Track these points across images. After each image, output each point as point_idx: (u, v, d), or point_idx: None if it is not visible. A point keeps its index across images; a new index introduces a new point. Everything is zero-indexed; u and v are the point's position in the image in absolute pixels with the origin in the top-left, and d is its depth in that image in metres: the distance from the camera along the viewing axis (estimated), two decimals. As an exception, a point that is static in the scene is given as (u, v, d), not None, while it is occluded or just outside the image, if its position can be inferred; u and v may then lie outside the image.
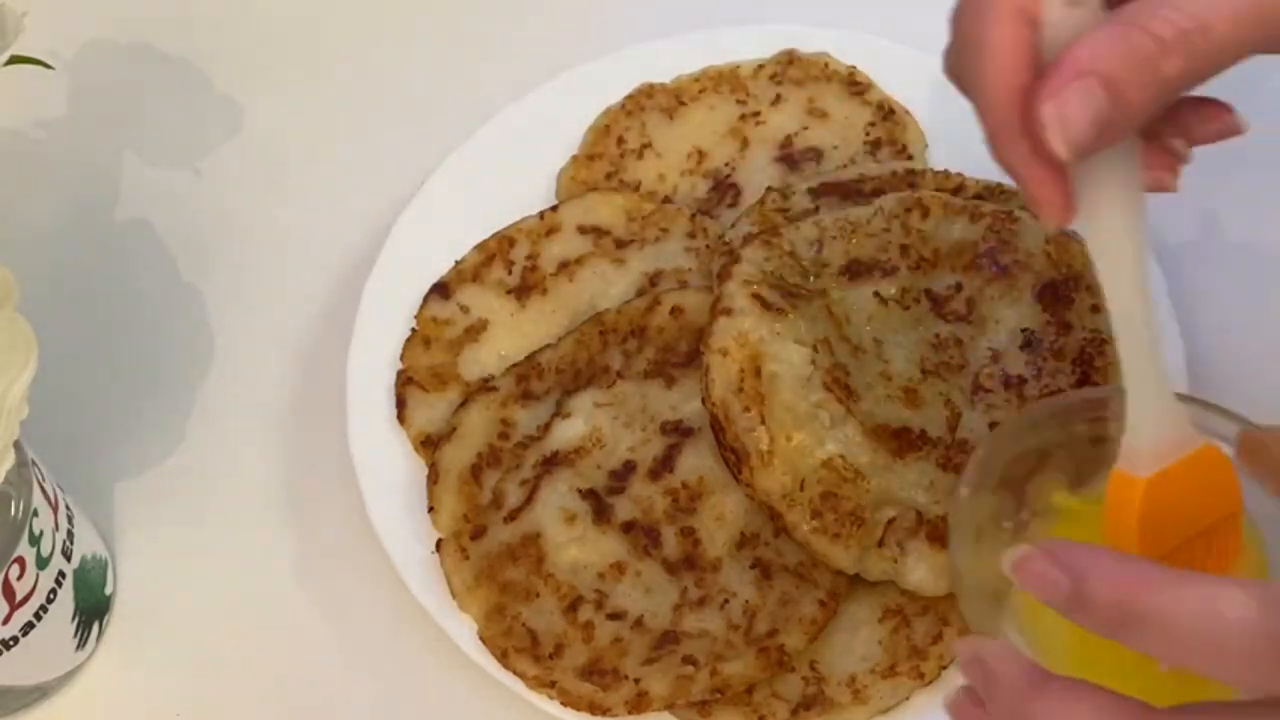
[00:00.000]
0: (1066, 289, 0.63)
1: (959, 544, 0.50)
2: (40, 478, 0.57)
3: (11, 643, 0.56)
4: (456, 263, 0.68)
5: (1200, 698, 0.41)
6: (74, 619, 0.59)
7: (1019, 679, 0.42)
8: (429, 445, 0.63)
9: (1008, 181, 0.66)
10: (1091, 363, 0.62)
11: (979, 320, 0.63)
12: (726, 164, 0.70)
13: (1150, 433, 0.48)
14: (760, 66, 0.72)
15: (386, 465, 0.63)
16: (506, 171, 0.70)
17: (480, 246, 0.68)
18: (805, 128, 0.71)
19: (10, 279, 0.54)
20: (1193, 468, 0.49)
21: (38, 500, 0.56)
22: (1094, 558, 0.41)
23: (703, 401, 0.60)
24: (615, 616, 0.59)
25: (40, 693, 0.61)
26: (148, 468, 0.67)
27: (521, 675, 0.58)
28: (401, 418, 0.64)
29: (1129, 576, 0.40)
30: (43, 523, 0.56)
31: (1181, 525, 0.49)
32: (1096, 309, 0.63)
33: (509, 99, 0.72)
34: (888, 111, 0.70)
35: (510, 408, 0.63)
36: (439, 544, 0.61)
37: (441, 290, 0.67)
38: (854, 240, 0.64)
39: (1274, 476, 0.49)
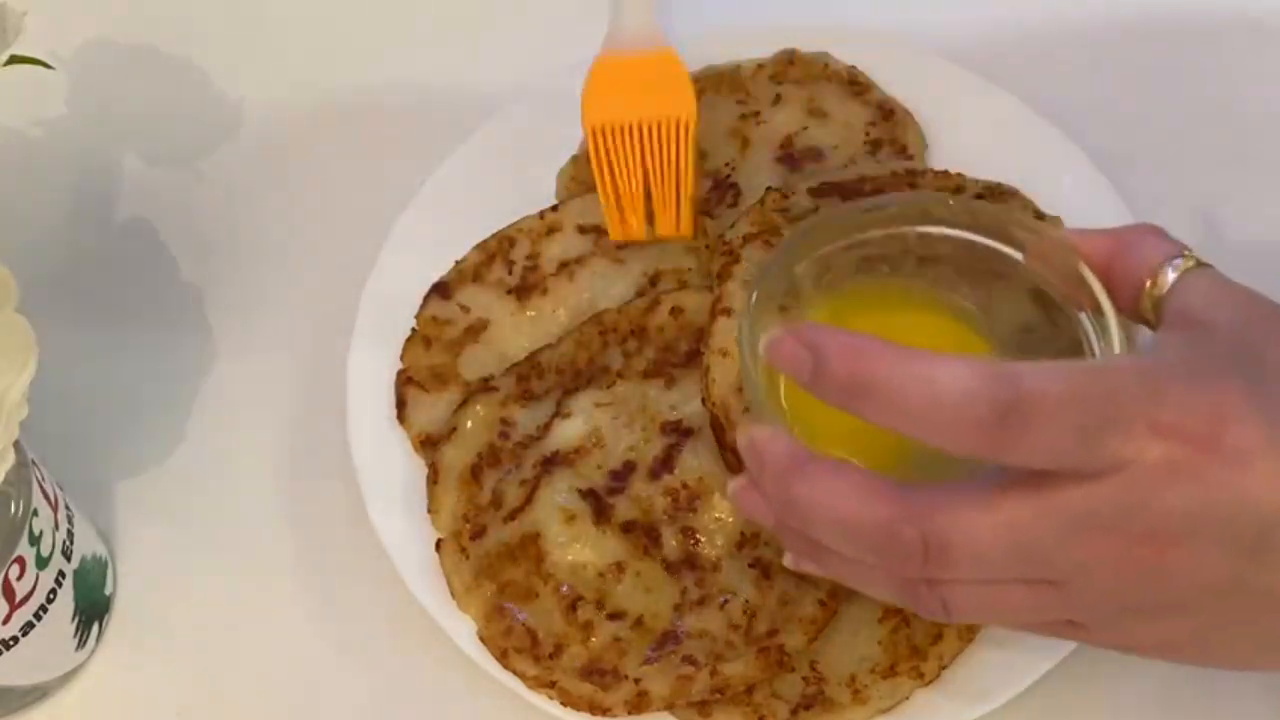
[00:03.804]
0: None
1: (744, 340, 0.52)
2: (40, 478, 0.57)
3: (11, 643, 0.56)
4: (456, 263, 0.68)
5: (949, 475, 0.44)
6: (74, 619, 0.59)
7: (783, 461, 0.46)
8: (429, 445, 0.63)
9: (1008, 181, 0.67)
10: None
11: (979, 320, 0.63)
12: (726, 164, 0.70)
13: (622, 25, 0.65)
14: (760, 66, 0.72)
15: (386, 465, 0.63)
16: (506, 171, 0.70)
17: (480, 246, 0.68)
18: (805, 128, 0.71)
19: (10, 279, 0.54)
20: (648, 59, 0.64)
21: (38, 500, 0.56)
22: (831, 335, 0.44)
23: (703, 401, 0.60)
24: (615, 616, 0.59)
25: (40, 693, 0.61)
26: (148, 468, 0.67)
27: (521, 675, 0.58)
28: (401, 418, 0.64)
29: (861, 351, 0.43)
30: (43, 523, 0.56)
31: (627, 102, 0.64)
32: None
33: (509, 99, 0.72)
34: (888, 111, 0.70)
35: (510, 408, 0.63)
36: (439, 544, 0.61)
37: (441, 290, 0.67)
38: (854, 240, 0.64)
39: (1063, 280, 0.52)
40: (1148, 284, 0.49)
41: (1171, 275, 0.49)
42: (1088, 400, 0.42)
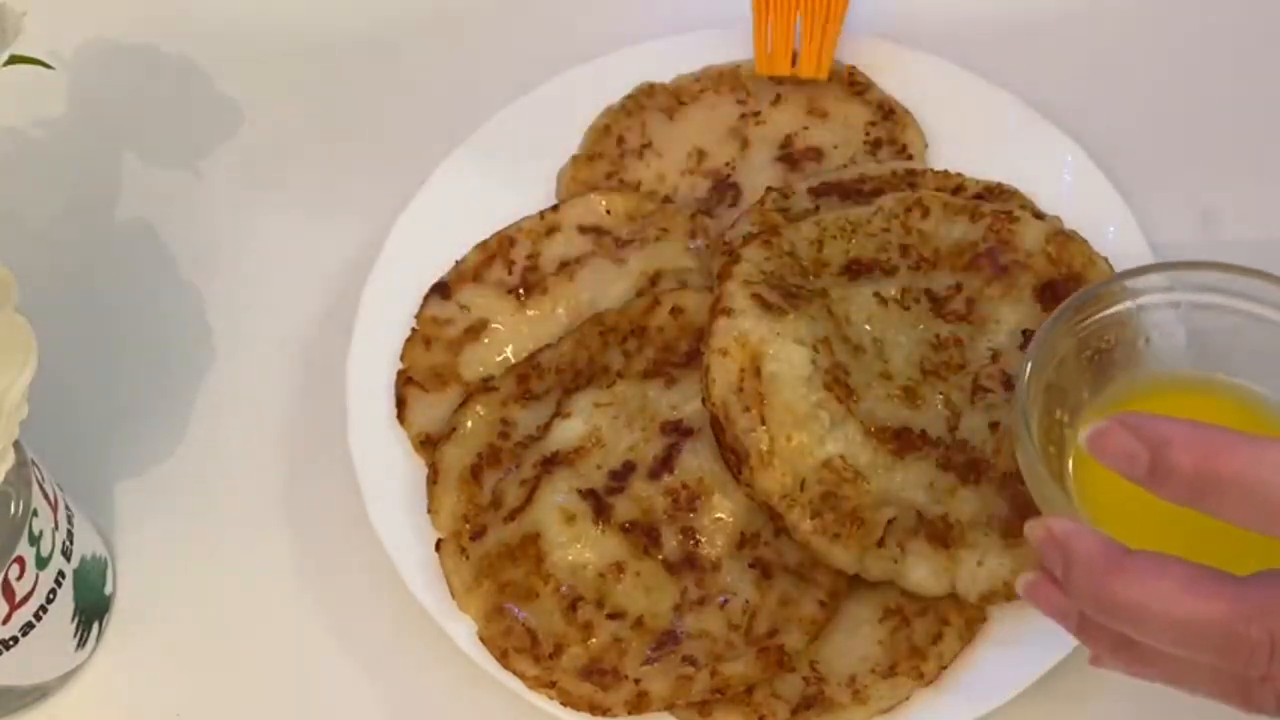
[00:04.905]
0: (1066, 289, 0.63)
1: (1023, 431, 0.49)
2: (40, 478, 0.57)
3: (11, 643, 0.56)
4: (457, 263, 0.68)
5: (1273, 559, 0.41)
6: (74, 619, 0.59)
7: (1097, 557, 0.42)
8: (429, 445, 0.63)
9: (1008, 181, 0.67)
10: (1092, 363, 0.62)
11: (979, 320, 0.63)
12: (726, 164, 0.70)
13: None
14: (760, 66, 0.72)
15: (386, 465, 0.63)
16: (506, 171, 0.70)
17: (481, 246, 0.68)
18: (805, 128, 0.71)
19: (10, 279, 0.54)
20: None
21: (37, 500, 0.56)
22: (1173, 427, 0.40)
23: (703, 401, 0.60)
24: (615, 616, 0.59)
25: (40, 693, 0.61)
26: (148, 468, 0.67)
27: (521, 675, 0.58)
28: (401, 418, 0.64)
29: (1209, 443, 0.40)
30: (42, 522, 0.56)
31: None
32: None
33: (509, 99, 0.72)
34: (888, 111, 0.70)
35: (510, 408, 0.63)
36: (439, 544, 0.61)
37: (442, 290, 0.67)
38: (854, 240, 0.64)
39: None
40: None
41: None
42: None
